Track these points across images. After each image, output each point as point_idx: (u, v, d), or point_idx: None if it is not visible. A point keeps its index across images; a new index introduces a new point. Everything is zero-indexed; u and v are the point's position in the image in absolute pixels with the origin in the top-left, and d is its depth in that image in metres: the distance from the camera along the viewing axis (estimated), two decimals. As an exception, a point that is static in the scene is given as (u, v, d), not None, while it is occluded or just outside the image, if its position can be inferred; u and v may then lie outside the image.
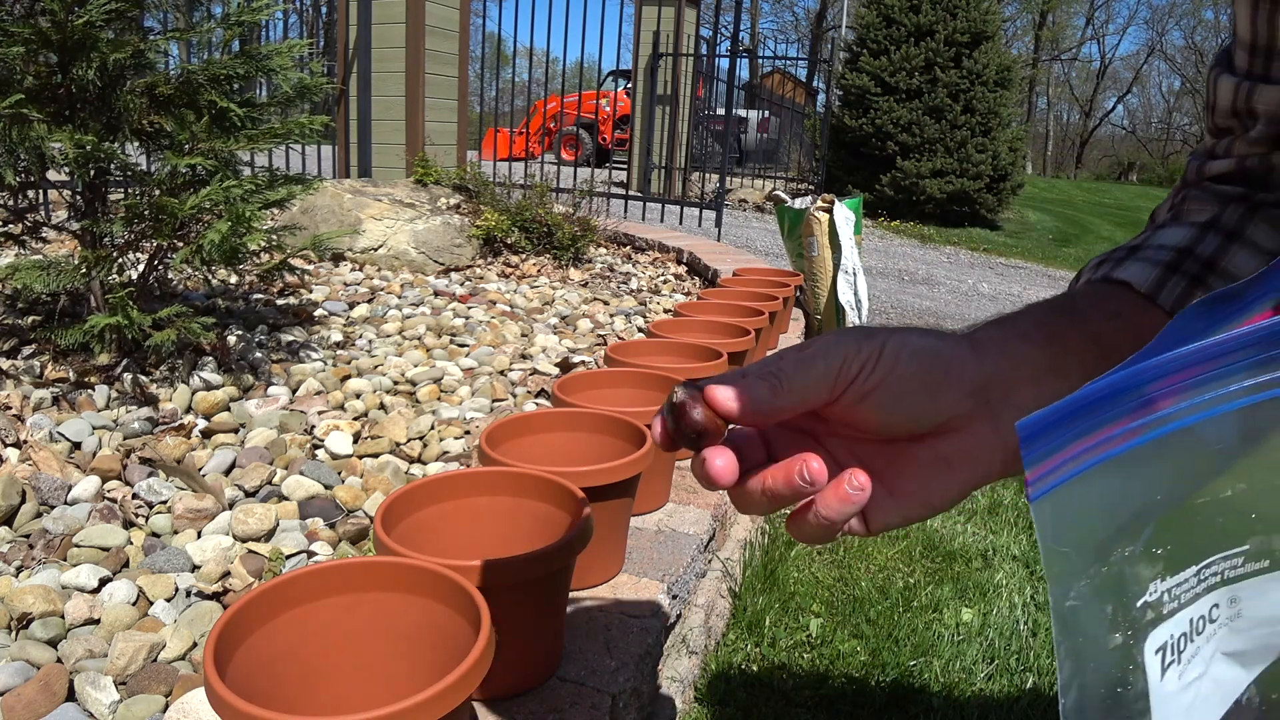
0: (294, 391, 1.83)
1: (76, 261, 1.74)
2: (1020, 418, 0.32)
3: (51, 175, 1.80)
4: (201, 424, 1.65)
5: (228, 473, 1.49)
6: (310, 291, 2.69)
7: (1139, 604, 0.36)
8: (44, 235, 1.94)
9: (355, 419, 1.75)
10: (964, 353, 0.40)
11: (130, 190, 1.83)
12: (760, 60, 15.97)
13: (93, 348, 1.75)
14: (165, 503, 1.37)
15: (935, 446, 0.39)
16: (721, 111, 7.69)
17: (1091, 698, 0.36)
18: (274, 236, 1.94)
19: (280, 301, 2.49)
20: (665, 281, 3.66)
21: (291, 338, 2.14)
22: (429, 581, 0.78)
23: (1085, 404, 0.33)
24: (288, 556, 1.28)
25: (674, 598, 1.19)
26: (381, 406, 1.85)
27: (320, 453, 1.61)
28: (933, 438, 0.40)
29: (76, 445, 1.51)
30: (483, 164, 5.15)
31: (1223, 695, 0.39)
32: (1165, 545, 0.36)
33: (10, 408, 1.55)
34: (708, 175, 8.99)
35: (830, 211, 2.96)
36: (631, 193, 7.00)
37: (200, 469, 1.49)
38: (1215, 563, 0.37)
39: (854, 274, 2.96)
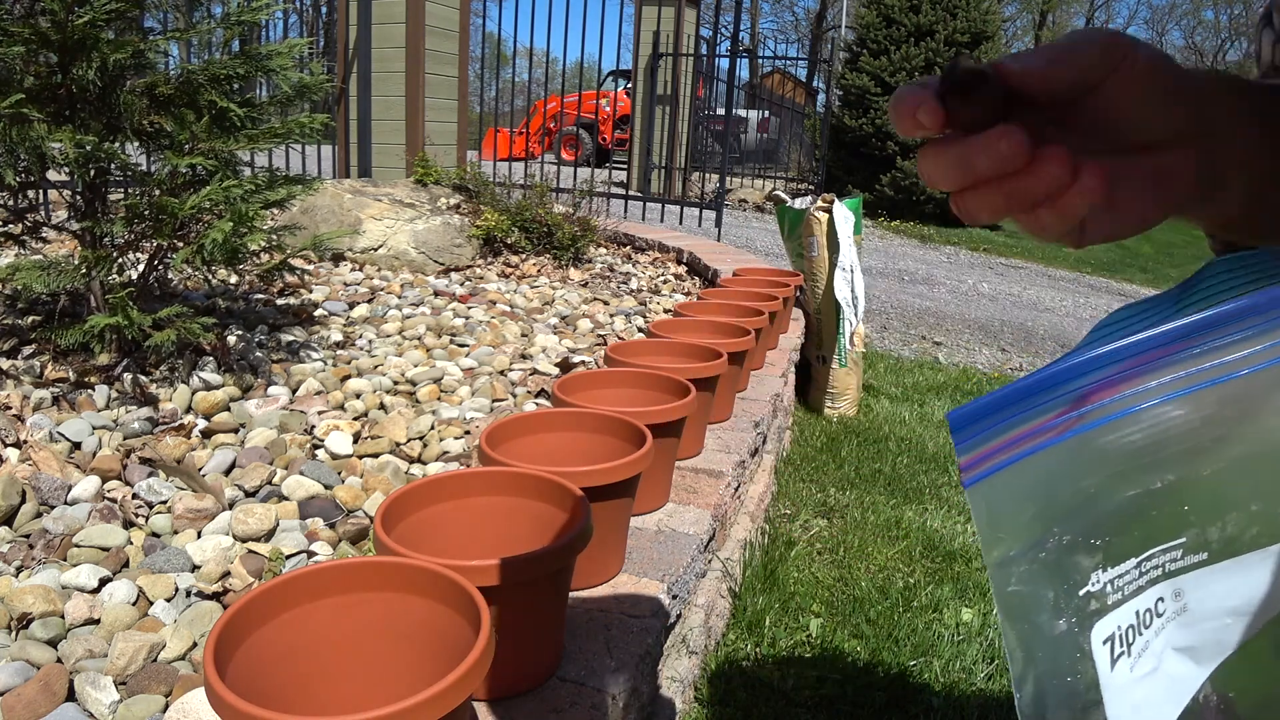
0: (294, 391, 1.84)
1: (76, 261, 1.74)
2: (1234, 159, 0.36)
3: (52, 175, 1.80)
4: (201, 424, 1.65)
5: (228, 473, 1.49)
6: (310, 291, 2.69)
7: (1081, 593, 0.37)
8: (44, 235, 1.94)
9: (355, 419, 1.75)
10: (1201, 76, 0.41)
11: (130, 190, 1.83)
12: (760, 60, 15.97)
13: (93, 348, 1.75)
14: (165, 503, 1.38)
15: (1157, 158, 0.40)
16: (721, 111, 7.69)
17: (1045, 688, 0.37)
18: (274, 236, 1.94)
19: (280, 301, 2.49)
20: (665, 281, 3.66)
21: (291, 338, 2.14)
22: (429, 581, 0.78)
23: (1017, 396, 0.35)
24: (288, 556, 1.28)
25: (674, 598, 1.19)
26: (381, 406, 1.85)
27: (320, 453, 1.61)
28: (1156, 150, 0.41)
29: (76, 445, 1.51)
30: (483, 164, 5.15)
31: (1177, 693, 0.39)
32: (1103, 536, 0.37)
33: (10, 408, 1.55)
34: (708, 175, 8.98)
35: (830, 211, 2.96)
36: (631, 193, 7.00)
37: (200, 469, 1.49)
38: (1155, 555, 0.38)
39: (851, 271, 2.97)
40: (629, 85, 10.24)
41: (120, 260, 1.82)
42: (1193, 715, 0.40)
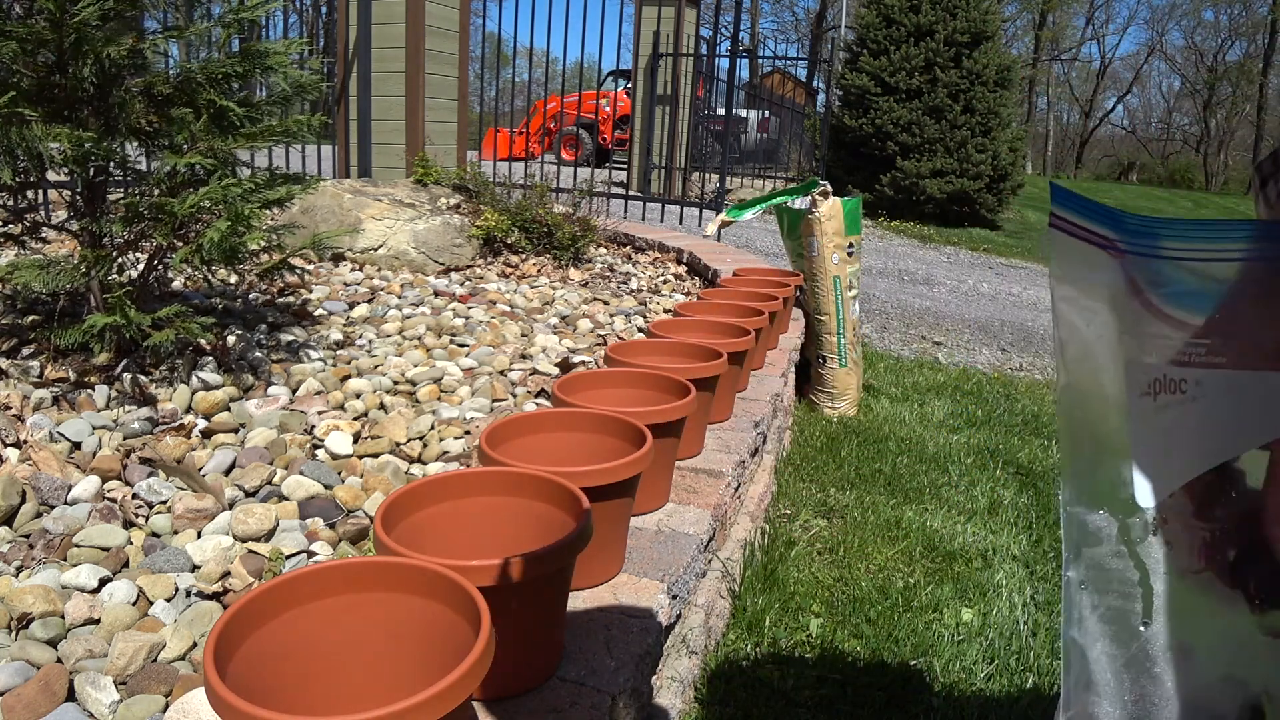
0: (294, 391, 1.83)
1: (76, 261, 1.74)
2: None
3: (52, 175, 1.80)
4: (201, 424, 1.65)
5: (228, 473, 1.49)
6: (310, 291, 2.69)
7: (1142, 353, 0.47)
8: (44, 235, 1.94)
9: (355, 419, 1.75)
10: None
11: (130, 190, 1.83)
12: (760, 60, 15.97)
13: (92, 347, 1.75)
14: (165, 503, 1.37)
15: None
16: (721, 111, 7.69)
17: (1080, 390, 0.48)
18: (274, 236, 1.94)
19: (280, 301, 2.49)
20: (665, 281, 3.66)
21: (291, 337, 2.14)
22: (429, 581, 0.78)
23: (1111, 212, 0.47)
24: (288, 556, 1.27)
25: (674, 598, 1.19)
26: (381, 406, 1.85)
27: (320, 453, 1.61)
28: None
29: (76, 445, 1.51)
30: (483, 164, 5.15)
31: (1206, 450, 0.47)
32: (1158, 329, 0.48)
33: (10, 408, 1.55)
34: (708, 175, 8.98)
35: (826, 198, 2.96)
36: (631, 193, 7.00)
37: (200, 469, 1.49)
38: (1189, 347, 0.47)
39: (855, 289, 3.04)
40: (629, 85, 10.24)
41: (120, 260, 1.82)
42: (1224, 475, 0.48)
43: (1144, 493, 0.47)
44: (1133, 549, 0.47)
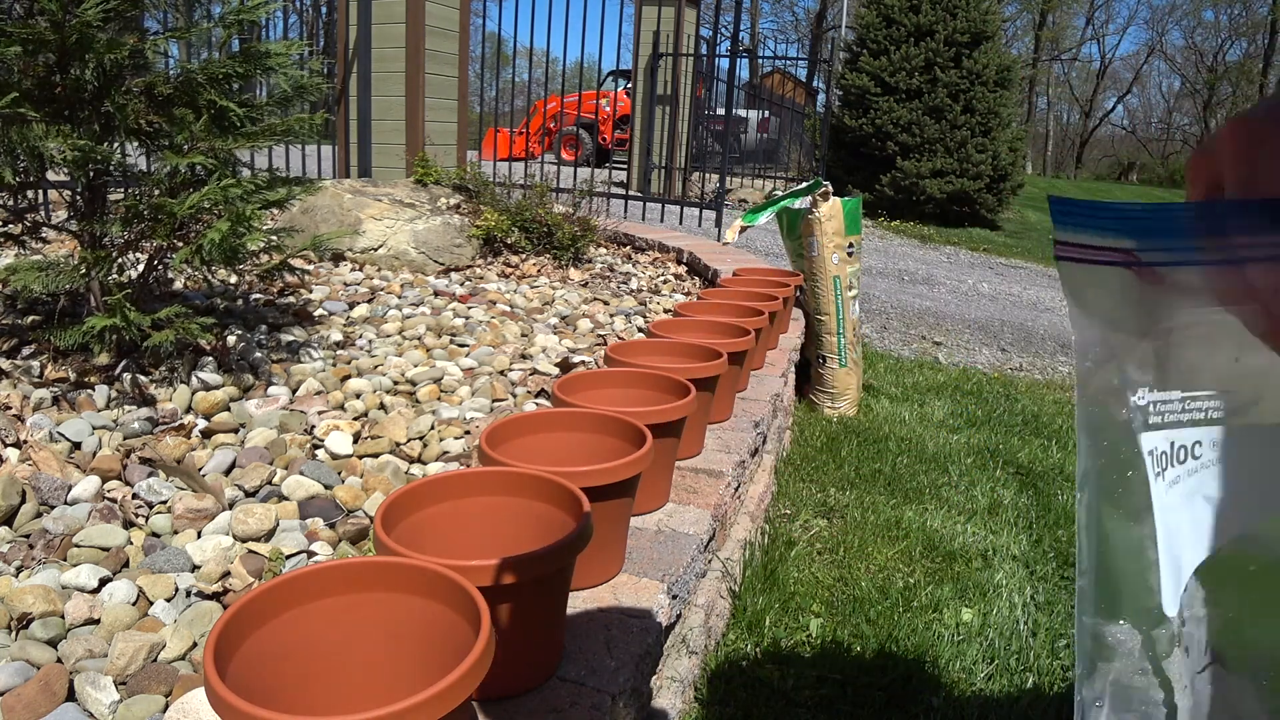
0: (294, 391, 1.83)
1: (76, 262, 1.74)
2: None
3: (51, 175, 1.80)
4: (201, 424, 1.65)
5: (228, 473, 1.49)
6: (310, 291, 2.69)
7: (1131, 399, 0.38)
8: (44, 235, 1.94)
9: (355, 419, 1.75)
10: None
11: (130, 190, 1.83)
12: (760, 60, 15.98)
13: (92, 348, 1.75)
14: (165, 503, 1.37)
15: None
16: (721, 111, 7.69)
17: (1104, 484, 0.38)
18: (274, 237, 1.94)
19: (280, 301, 2.49)
20: (665, 281, 3.66)
21: (291, 338, 2.14)
22: (429, 581, 0.78)
23: (1123, 212, 0.36)
24: (288, 556, 1.28)
25: (674, 598, 1.19)
26: (381, 406, 1.85)
27: (320, 453, 1.61)
28: None
29: (76, 445, 1.51)
30: (483, 164, 5.15)
31: (1201, 539, 0.40)
32: (1158, 364, 0.38)
33: (10, 408, 1.55)
34: (708, 175, 8.98)
35: (827, 199, 2.96)
36: (631, 193, 7.00)
37: (200, 469, 1.49)
38: (1201, 399, 0.39)
39: (855, 289, 3.04)
40: (629, 85, 10.24)
41: (120, 260, 1.82)
42: (1211, 571, 0.40)
43: (1171, 599, 0.39)
44: (1158, 664, 0.40)
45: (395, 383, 1.97)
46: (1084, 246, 0.36)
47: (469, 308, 2.73)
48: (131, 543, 1.27)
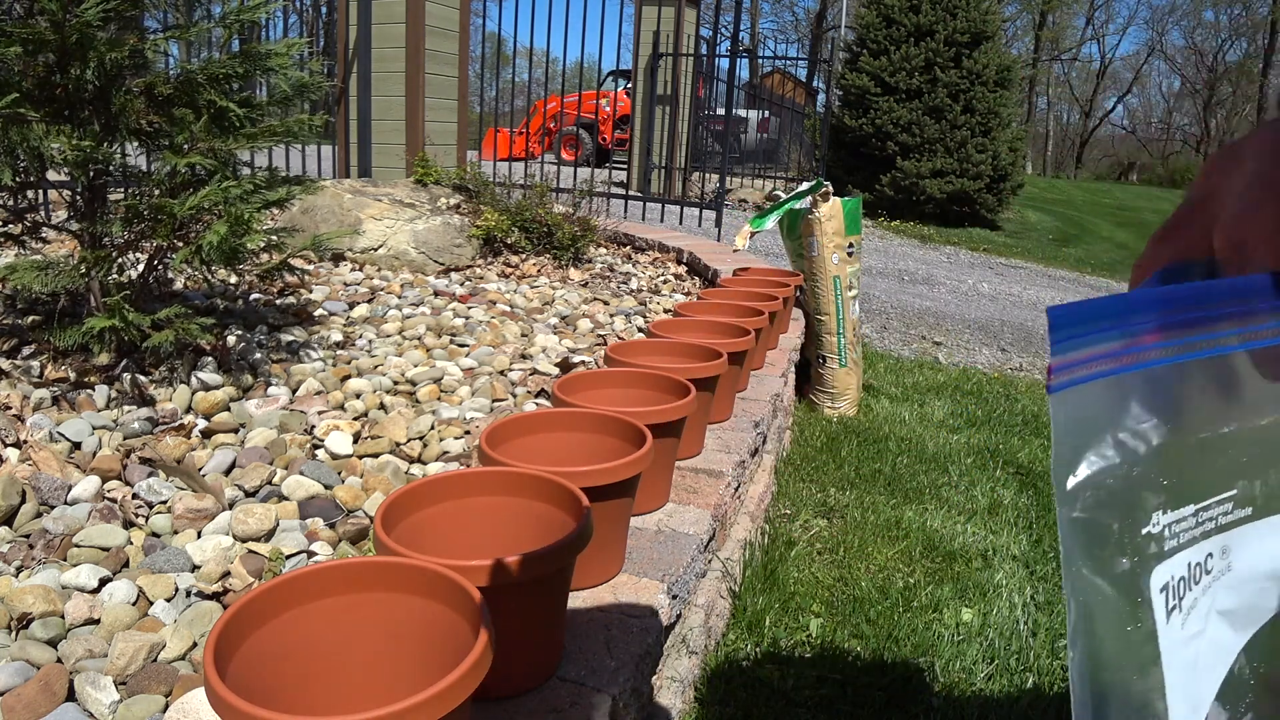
0: (294, 391, 1.83)
1: (75, 262, 1.74)
2: None
3: (52, 175, 1.80)
4: (201, 424, 1.65)
5: (228, 473, 1.49)
6: (310, 291, 2.69)
7: (1143, 531, 0.34)
8: (44, 235, 1.94)
9: (355, 419, 1.75)
10: None
11: (130, 190, 1.83)
12: (760, 60, 15.98)
13: (92, 348, 1.75)
14: (165, 503, 1.37)
15: None
16: (721, 111, 7.69)
17: (1101, 642, 0.34)
18: (274, 237, 1.94)
19: (280, 301, 2.49)
20: (665, 281, 3.66)
21: (291, 338, 2.14)
22: (429, 581, 0.78)
23: (1136, 305, 0.33)
24: (288, 556, 1.28)
25: (674, 598, 1.19)
26: (381, 406, 1.85)
27: (320, 453, 1.61)
28: None
29: (76, 445, 1.51)
30: (483, 164, 5.15)
31: (1220, 661, 0.37)
32: (1170, 476, 0.34)
33: (10, 408, 1.55)
34: (708, 175, 8.98)
35: (827, 199, 2.96)
36: (631, 193, 7.00)
37: (200, 469, 1.49)
38: (1212, 506, 0.36)
39: (855, 289, 3.04)
40: (629, 85, 10.24)
41: (120, 260, 1.82)
42: (1229, 688, 0.38)
43: None
44: None
45: (395, 383, 1.97)
46: (1085, 358, 0.32)
47: (469, 308, 2.73)
48: (131, 543, 1.27)
